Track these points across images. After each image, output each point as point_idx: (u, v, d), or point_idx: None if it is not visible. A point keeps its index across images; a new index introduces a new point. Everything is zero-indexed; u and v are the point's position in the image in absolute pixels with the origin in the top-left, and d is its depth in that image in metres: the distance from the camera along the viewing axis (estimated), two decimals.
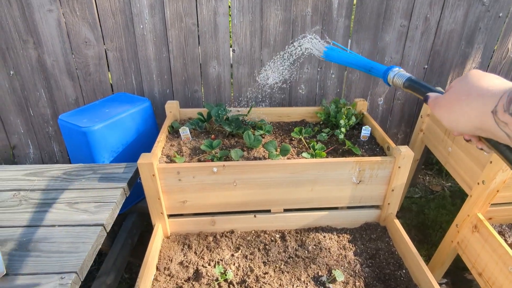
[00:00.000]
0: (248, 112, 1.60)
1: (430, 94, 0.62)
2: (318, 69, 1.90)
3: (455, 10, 1.81)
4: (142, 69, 1.82)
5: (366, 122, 1.67)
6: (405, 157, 1.32)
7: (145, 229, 1.83)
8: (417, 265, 1.26)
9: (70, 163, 1.76)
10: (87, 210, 1.15)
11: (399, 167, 1.34)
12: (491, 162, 1.30)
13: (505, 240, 1.45)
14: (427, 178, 2.44)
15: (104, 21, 1.68)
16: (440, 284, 1.77)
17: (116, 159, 1.53)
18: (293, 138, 1.59)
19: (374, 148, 1.52)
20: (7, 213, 1.13)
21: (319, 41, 1.11)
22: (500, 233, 1.47)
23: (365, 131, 1.56)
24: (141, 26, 1.70)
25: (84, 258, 0.98)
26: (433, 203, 2.21)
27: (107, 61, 1.79)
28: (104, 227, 1.10)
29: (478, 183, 1.37)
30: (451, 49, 1.92)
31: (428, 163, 2.50)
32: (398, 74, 0.79)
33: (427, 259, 1.85)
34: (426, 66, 1.95)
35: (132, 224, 1.70)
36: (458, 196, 2.26)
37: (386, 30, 1.83)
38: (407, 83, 0.75)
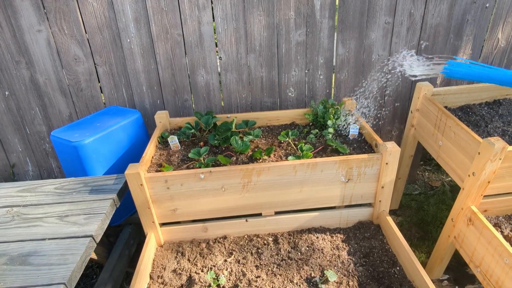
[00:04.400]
0: (233, 121, 1.62)
1: None
2: (306, 71, 1.91)
3: (439, 4, 1.81)
4: (132, 82, 1.85)
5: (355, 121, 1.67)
6: (392, 153, 1.32)
7: (143, 240, 1.84)
8: (410, 261, 1.25)
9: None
10: (77, 222, 1.17)
11: (387, 163, 1.34)
12: (479, 153, 1.28)
13: (502, 232, 1.42)
14: (426, 174, 2.41)
15: (92, 37, 1.73)
16: (441, 281, 1.75)
17: (109, 171, 1.56)
18: (282, 141, 1.60)
19: (362, 146, 1.51)
20: (0, 229, 1.16)
21: (420, 59, 0.94)
22: (496, 225, 1.45)
23: (353, 130, 1.56)
24: (128, 40, 1.74)
25: (72, 269, 1.00)
26: (432, 199, 2.18)
27: (98, 76, 1.83)
28: (93, 238, 1.12)
29: (469, 175, 1.36)
30: (438, 43, 1.91)
31: (427, 159, 2.47)
32: None
33: (428, 256, 1.82)
34: None
35: (129, 235, 1.72)
36: (459, 191, 2.23)
37: (371, 28, 1.84)
38: None
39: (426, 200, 2.18)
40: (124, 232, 1.72)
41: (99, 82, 1.85)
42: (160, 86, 1.87)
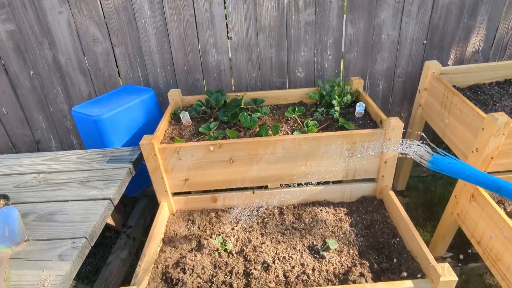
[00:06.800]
0: (242, 98, 1.68)
1: None
2: (315, 51, 1.94)
3: None
4: (147, 62, 1.94)
5: (362, 99, 1.70)
6: (395, 128, 1.35)
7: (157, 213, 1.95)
8: (409, 232, 1.29)
9: None
10: (97, 187, 1.27)
11: (390, 138, 1.37)
12: (483, 129, 1.30)
13: (505, 209, 1.44)
14: None
15: (109, 18, 1.81)
16: (445, 258, 1.78)
17: (125, 144, 1.66)
18: (289, 118, 1.65)
19: (368, 123, 1.55)
20: (29, 191, 1.28)
21: (424, 148, 1.03)
22: (499, 202, 1.46)
23: (359, 108, 1.59)
24: (143, 21, 1.82)
25: (93, 225, 1.10)
26: (441, 181, 2.19)
27: (115, 57, 1.92)
28: (111, 200, 1.22)
29: (473, 151, 1.38)
30: (450, 23, 1.89)
31: (437, 142, 2.46)
32: None
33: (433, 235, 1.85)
34: (425, 42, 1.94)
35: (144, 206, 1.83)
36: None
37: (381, 7, 1.84)
38: None
39: (434, 182, 2.20)
40: (139, 203, 1.83)
41: (116, 62, 1.94)
42: (173, 66, 1.95)
